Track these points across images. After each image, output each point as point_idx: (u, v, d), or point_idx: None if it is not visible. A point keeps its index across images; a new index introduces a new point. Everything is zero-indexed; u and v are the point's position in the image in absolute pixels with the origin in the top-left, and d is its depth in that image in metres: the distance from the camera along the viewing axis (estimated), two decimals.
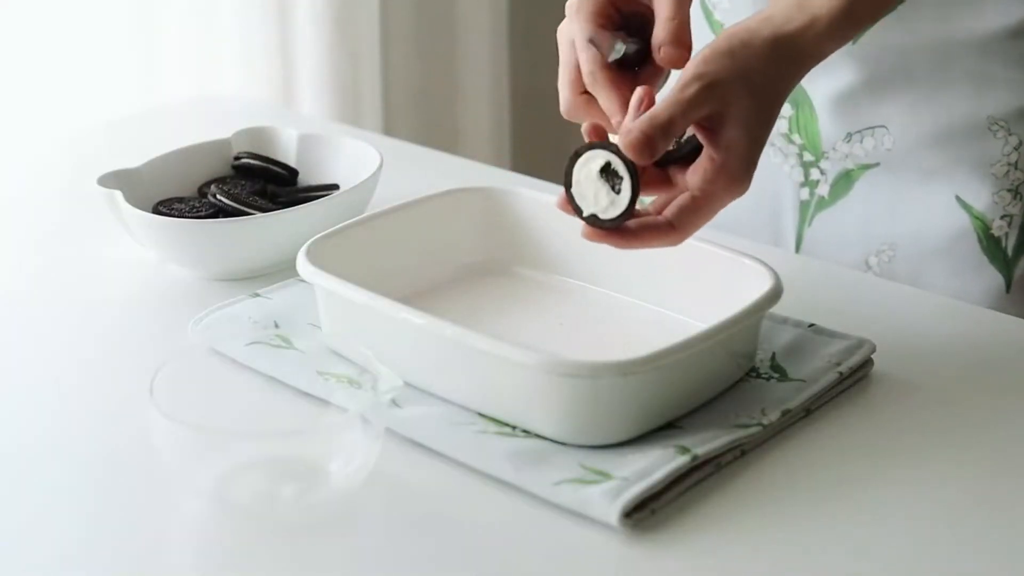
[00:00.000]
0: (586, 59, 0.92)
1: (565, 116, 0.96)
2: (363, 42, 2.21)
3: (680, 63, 0.91)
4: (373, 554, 0.81)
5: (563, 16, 0.96)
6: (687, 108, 0.87)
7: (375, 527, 0.83)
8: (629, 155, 0.87)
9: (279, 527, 0.82)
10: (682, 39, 0.91)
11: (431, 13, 2.37)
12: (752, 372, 0.94)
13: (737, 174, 0.87)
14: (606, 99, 0.92)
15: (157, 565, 0.81)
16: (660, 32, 0.91)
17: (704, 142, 0.88)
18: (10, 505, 0.85)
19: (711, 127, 0.88)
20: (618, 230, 0.88)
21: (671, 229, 0.88)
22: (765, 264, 0.95)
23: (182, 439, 0.82)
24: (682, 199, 0.89)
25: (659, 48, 0.91)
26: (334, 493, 0.84)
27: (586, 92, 0.93)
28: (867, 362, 0.96)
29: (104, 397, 0.96)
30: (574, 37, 0.94)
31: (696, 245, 0.99)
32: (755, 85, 0.88)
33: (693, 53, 0.91)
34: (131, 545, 0.82)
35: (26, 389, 0.97)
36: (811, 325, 0.99)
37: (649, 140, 0.86)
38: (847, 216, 1.17)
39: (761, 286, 0.93)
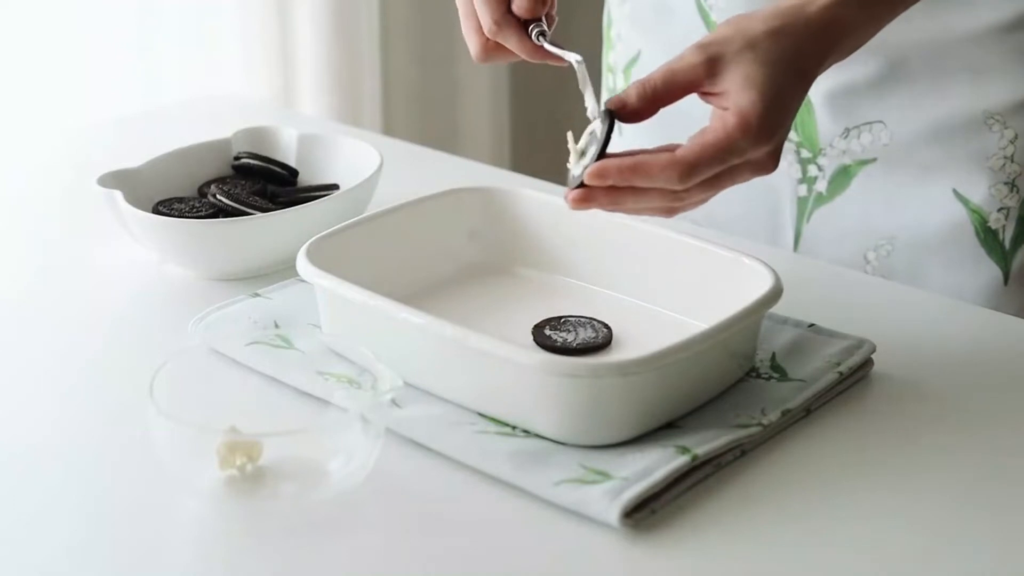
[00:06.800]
0: (484, 11, 0.94)
1: (477, 61, 0.97)
2: (363, 42, 2.21)
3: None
4: (373, 554, 0.81)
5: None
6: (677, 64, 0.87)
7: (375, 527, 0.83)
8: (609, 102, 0.88)
9: (279, 527, 0.82)
10: None
11: (431, 13, 2.37)
12: (752, 372, 0.94)
13: (754, 131, 0.86)
14: (516, 43, 0.94)
15: (157, 565, 0.81)
16: None
17: (714, 106, 0.88)
18: (11, 505, 0.85)
19: (717, 91, 0.87)
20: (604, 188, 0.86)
21: (673, 163, 0.85)
22: (765, 264, 0.95)
23: (182, 439, 0.83)
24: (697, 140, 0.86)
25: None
26: (334, 493, 0.84)
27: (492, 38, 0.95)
28: (867, 362, 0.96)
29: (104, 397, 0.96)
30: None
31: (696, 245, 0.99)
32: (760, 50, 0.87)
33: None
34: (131, 545, 0.82)
35: (26, 389, 0.97)
36: (811, 325, 0.99)
37: (629, 94, 0.87)
38: (845, 212, 1.17)
39: (761, 286, 0.93)
